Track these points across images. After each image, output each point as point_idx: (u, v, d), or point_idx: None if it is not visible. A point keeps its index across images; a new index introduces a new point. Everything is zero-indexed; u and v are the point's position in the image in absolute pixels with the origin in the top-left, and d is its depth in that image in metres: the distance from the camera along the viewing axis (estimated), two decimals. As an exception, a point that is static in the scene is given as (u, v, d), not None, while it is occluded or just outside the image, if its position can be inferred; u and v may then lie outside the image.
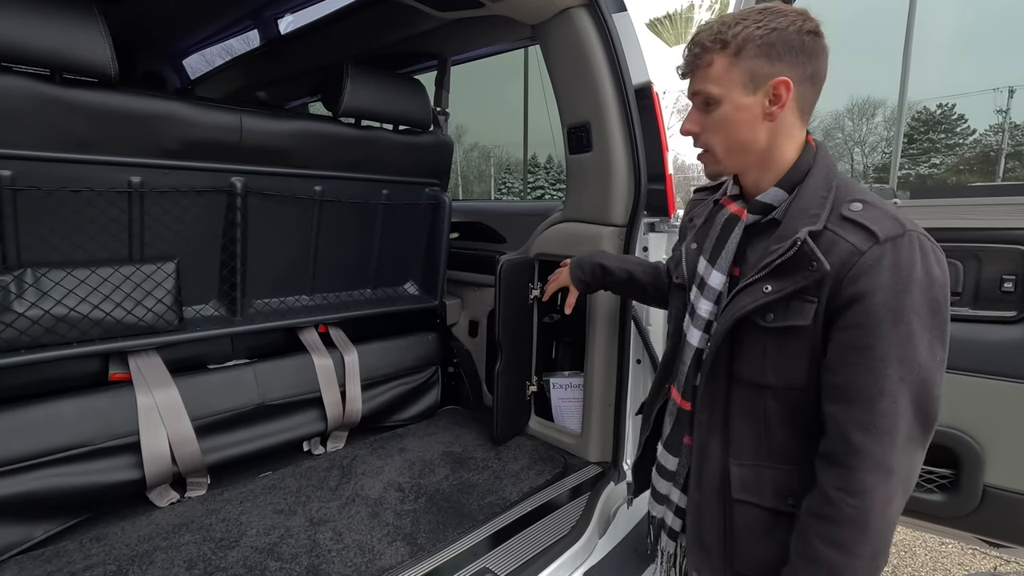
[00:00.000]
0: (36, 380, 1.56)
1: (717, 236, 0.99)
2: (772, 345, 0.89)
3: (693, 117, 0.94)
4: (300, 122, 1.86)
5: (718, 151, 0.93)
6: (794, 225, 0.86)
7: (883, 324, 0.78)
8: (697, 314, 1.00)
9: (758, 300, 0.86)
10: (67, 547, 1.47)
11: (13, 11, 1.28)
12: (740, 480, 0.95)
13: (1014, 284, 1.40)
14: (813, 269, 0.81)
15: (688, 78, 0.93)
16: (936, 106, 33.66)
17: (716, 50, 0.87)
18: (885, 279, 0.78)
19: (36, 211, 1.45)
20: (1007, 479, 1.41)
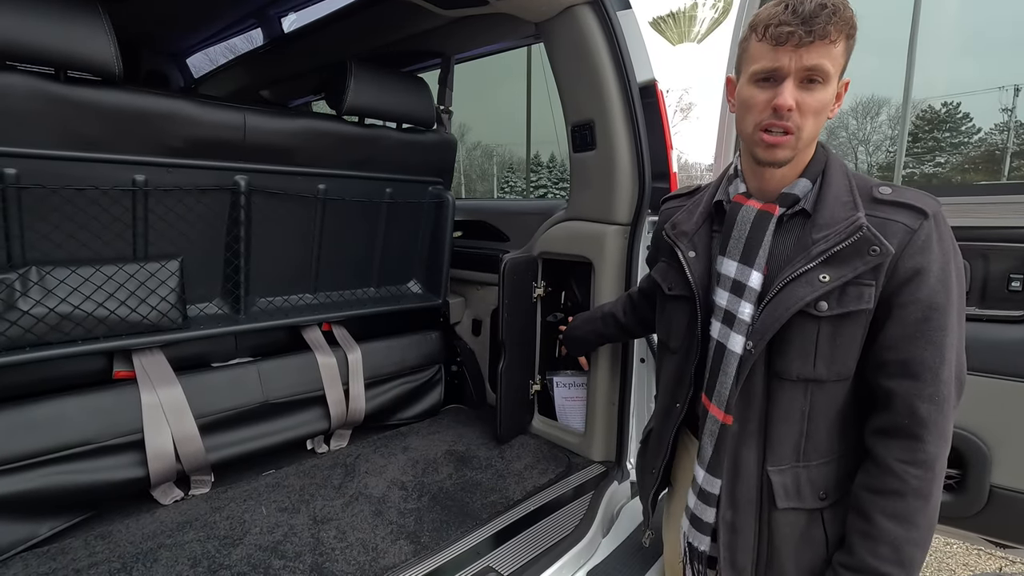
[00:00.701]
0: (41, 378, 1.56)
1: (747, 236, 0.93)
2: (825, 335, 0.87)
3: (791, 92, 0.83)
4: (304, 120, 1.86)
5: (804, 136, 0.86)
6: (832, 213, 0.86)
7: (939, 297, 0.82)
8: (739, 319, 0.91)
9: (817, 290, 0.84)
10: (72, 544, 1.47)
11: (18, 10, 1.28)
12: (783, 487, 0.93)
13: (1021, 283, 1.39)
14: (875, 254, 0.82)
15: (799, 48, 0.81)
16: (941, 104, 33.46)
17: (845, 29, 0.81)
18: (936, 254, 0.82)
19: (41, 209, 1.46)
20: (1014, 480, 1.40)
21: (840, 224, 0.85)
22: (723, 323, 0.95)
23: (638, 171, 1.83)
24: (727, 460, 0.96)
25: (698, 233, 1.03)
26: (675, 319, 1.07)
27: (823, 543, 0.95)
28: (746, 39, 0.90)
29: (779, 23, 0.81)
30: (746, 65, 0.89)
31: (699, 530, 1.04)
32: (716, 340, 0.96)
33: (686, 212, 1.08)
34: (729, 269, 0.94)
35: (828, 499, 0.94)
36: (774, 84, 0.85)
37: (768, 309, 0.88)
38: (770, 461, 0.93)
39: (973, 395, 1.42)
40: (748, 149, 0.93)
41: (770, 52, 0.83)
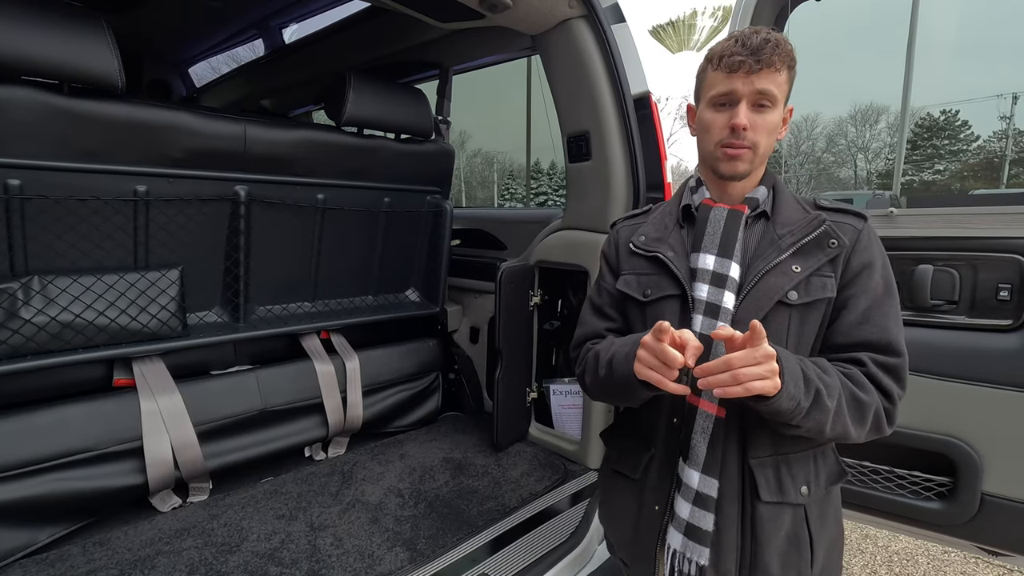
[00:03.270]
0: (42, 385, 1.58)
1: (722, 232, 1.01)
2: (795, 323, 0.96)
3: (746, 113, 0.95)
4: (303, 131, 1.89)
5: (759, 151, 0.98)
6: (789, 214, 1.01)
7: (882, 288, 0.97)
8: (723, 308, 0.96)
9: (792, 280, 0.94)
10: (71, 551, 1.48)
11: (24, 24, 1.31)
12: (764, 479, 0.96)
13: (1010, 293, 1.41)
14: (833, 246, 0.96)
15: (751, 74, 0.93)
16: (940, 112, 33.64)
17: (787, 61, 0.95)
18: (876, 252, 0.99)
19: (44, 219, 1.48)
20: (1005, 487, 1.41)
21: (801, 221, 0.99)
22: (706, 315, 0.97)
23: (633, 181, 1.86)
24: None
25: (671, 237, 1.08)
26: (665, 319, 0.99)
27: (807, 546, 0.97)
28: (703, 70, 1.02)
29: (731, 54, 0.94)
30: (704, 92, 1.01)
31: (699, 542, 0.97)
32: (699, 333, 0.96)
33: (651, 225, 1.13)
34: (707, 263, 1.00)
35: (811, 494, 0.97)
36: (729, 108, 0.96)
37: (750, 298, 0.96)
38: (751, 453, 0.97)
39: (964, 403, 1.44)
40: (710, 165, 1.03)
41: (725, 79, 0.95)
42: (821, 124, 37.16)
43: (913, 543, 2.93)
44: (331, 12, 2.70)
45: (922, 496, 1.53)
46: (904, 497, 1.54)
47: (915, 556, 2.83)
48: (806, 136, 36.85)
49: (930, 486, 1.52)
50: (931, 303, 1.51)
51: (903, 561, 2.79)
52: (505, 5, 1.69)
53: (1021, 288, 1.39)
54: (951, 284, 1.49)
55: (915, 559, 2.81)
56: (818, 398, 0.85)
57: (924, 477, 1.52)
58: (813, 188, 35.20)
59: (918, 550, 2.88)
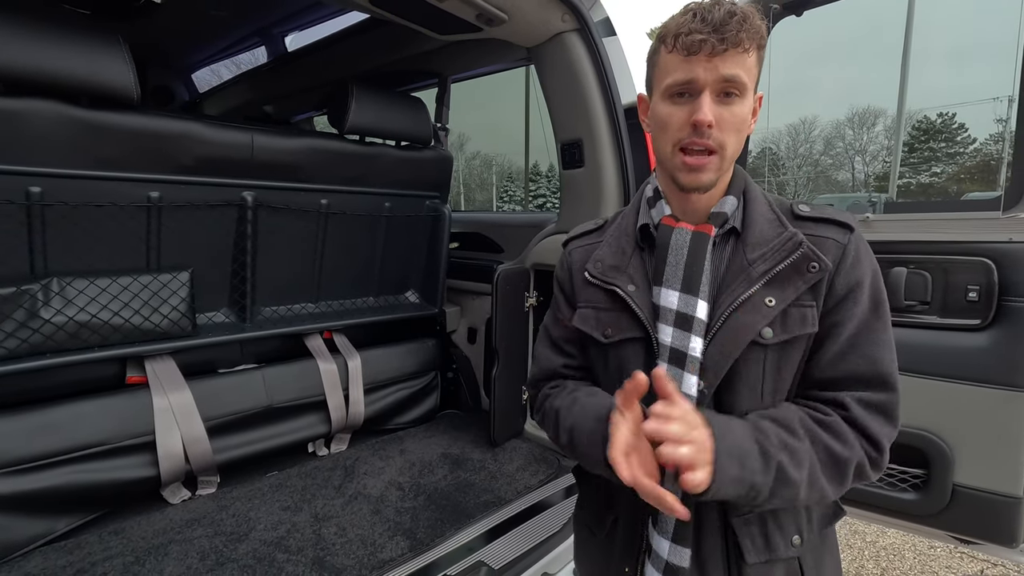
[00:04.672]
0: (60, 382, 1.66)
1: (686, 261, 0.83)
2: (771, 366, 0.80)
3: (709, 106, 0.76)
4: (308, 139, 1.97)
5: (727, 153, 0.79)
6: (761, 230, 0.83)
7: (871, 311, 0.80)
8: (690, 356, 0.80)
9: (767, 316, 0.78)
10: (87, 539, 1.56)
11: (46, 41, 1.39)
12: (749, 539, 0.83)
13: (978, 294, 1.48)
14: (814, 271, 0.78)
15: (714, 57, 0.75)
16: (937, 115, 33.80)
17: (757, 40, 0.76)
18: (867, 264, 0.81)
19: (62, 224, 1.56)
20: (974, 478, 1.49)
21: (775, 241, 0.80)
22: (671, 363, 0.82)
23: (624, 187, 1.94)
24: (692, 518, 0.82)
25: (631, 265, 0.90)
26: (629, 367, 0.86)
27: None
28: (655, 52, 0.83)
29: (689, 31, 0.75)
30: (658, 80, 0.82)
31: None
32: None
33: (606, 247, 0.94)
34: (671, 300, 0.83)
35: (804, 543, 0.84)
36: (690, 99, 0.78)
37: (717, 343, 0.79)
38: (732, 511, 0.83)
39: (936, 399, 1.51)
40: (668, 172, 0.84)
41: (683, 64, 0.77)
42: (819, 127, 37.31)
43: (900, 538, 3.00)
44: (333, 21, 2.79)
45: (898, 488, 1.60)
46: (881, 489, 1.62)
47: (902, 551, 2.90)
48: (804, 139, 37.00)
49: (905, 478, 1.59)
50: (905, 304, 1.58)
51: (890, 556, 2.87)
52: (501, 19, 1.77)
53: (989, 290, 1.45)
54: (924, 286, 1.56)
55: (902, 554, 2.88)
56: (780, 474, 0.72)
57: (900, 469, 1.59)
58: (811, 191, 35.32)
59: (905, 545, 2.95)
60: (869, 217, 1.63)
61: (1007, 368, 1.41)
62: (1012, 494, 1.44)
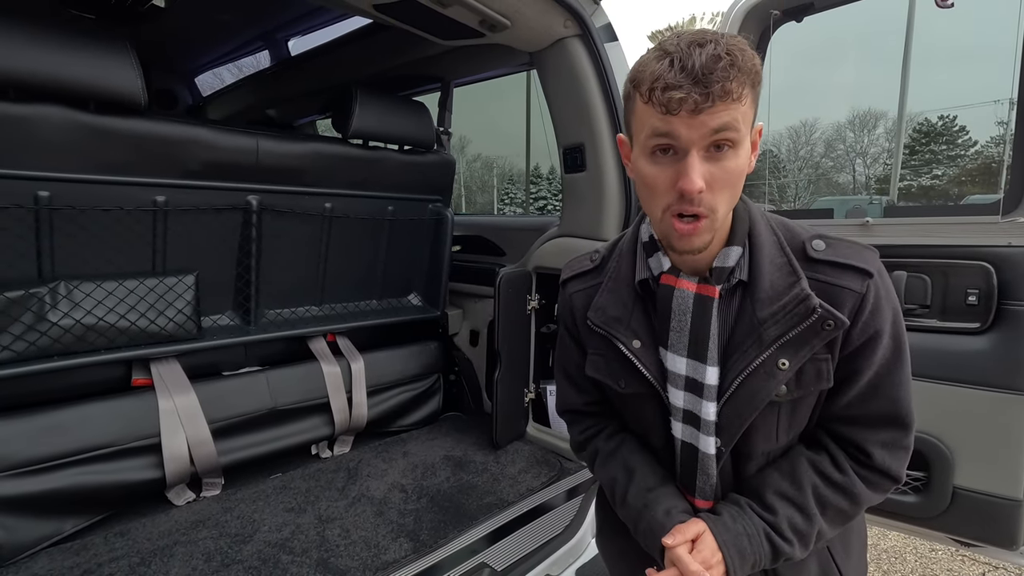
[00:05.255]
0: (67, 385, 1.67)
1: (691, 326, 0.81)
2: (785, 416, 0.81)
3: (697, 169, 0.68)
4: (312, 144, 1.99)
5: (720, 214, 0.73)
6: (772, 282, 0.77)
7: (891, 357, 0.78)
8: (704, 420, 0.82)
9: (780, 380, 0.76)
10: (93, 541, 1.57)
11: (56, 48, 1.41)
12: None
13: (978, 297, 1.49)
14: (830, 328, 0.74)
15: (696, 113, 0.66)
16: (938, 118, 33.80)
17: (751, 79, 0.68)
18: (887, 313, 0.77)
19: (70, 228, 1.57)
20: (974, 481, 1.49)
21: (786, 299, 0.76)
22: (685, 423, 0.85)
23: (625, 191, 1.95)
24: None
25: (633, 317, 0.86)
26: (645, 418, 0.91)
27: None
28: (629, 97, 0.74)
29: (666, 86, 0.65)
30: (636, 129, 0.74)
31: None
32: (682, 440, 0.87)
33: (608, 294, 0.90)
34: (678, 366, 0.82)
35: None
36: (674, 157, 0.70)
37: (731, 407, 0.80)
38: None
39: (936, 402, 1.52)
40: (661, 232, 0.80)
41: (661, 120, 0.68)
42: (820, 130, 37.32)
43: (901, 541, 3.00)
44: (336, 26, 2.81)
45: (898, 490, 1.61)
46: (882, 491, 1.63)
47: (903, 554, 2.91)
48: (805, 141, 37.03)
49: (906, 480, 1.60)
50: (905, 307, 1.59)
51: (891, 559, 2.87)
52: (504, 25, 1.79)
53: (988, 293, 1.47)
54: (924, 289, 1.57)
55: (903, 557, 2.88)
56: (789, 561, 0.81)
57: (900, 472, 1.60)
58: (812, 193, 35.33)
59: (906, 548, 2.95)
60: (869, 221, 1.65)
61: (1006, 371, 1.43)
62: (1012, 497, 1.45)
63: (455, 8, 1.68)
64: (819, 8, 1.71)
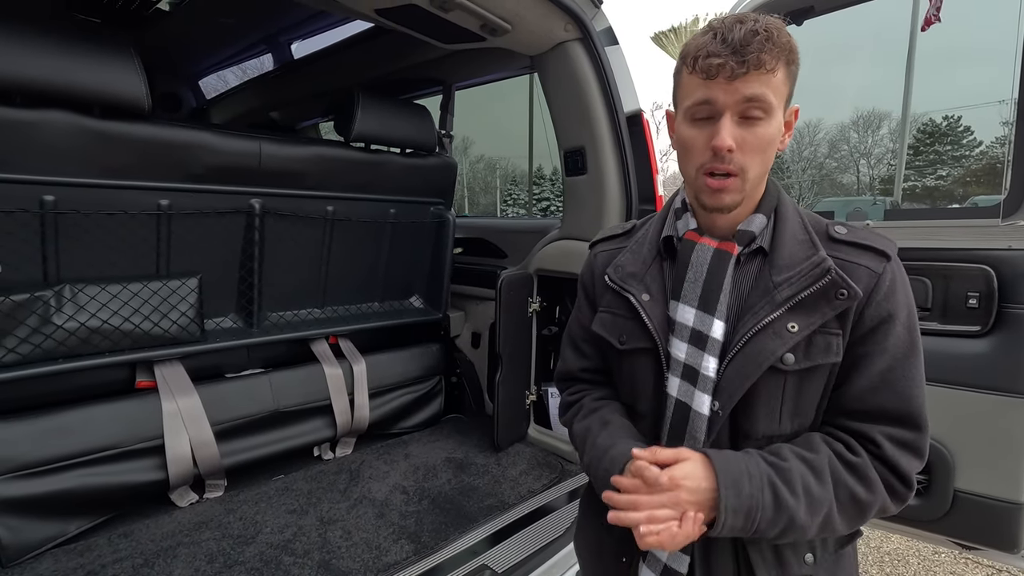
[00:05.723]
0: (71, 387, 1.68)
1: (705, 279, 0.83)
2: (791, 391, 0.80)
3: (733, 131, 0.75)
4: (314, 147, 2.00)
5: (752, 176, 0.78)
6: (791, 252, 0.80)
7: (904, 345, 0.78)
8: (702, 375, 0.81)
9: (787, 342, 0.76)
10: (97, 542, 1.58)
11: (60, 54, 1.43)
12: (759, 555, 0.82)
13: (978, 301, 1.49)
14: (843, 297, 0.75)
15: (734, 79, 0.74)
16: (942, 118, 33.67)
17: (785, 56, 0.75)
18: (902, 298, 0.78)
19: (75, 232, 1.59)
20: (975, 484, 1.49)
21: (803, 265, 0.78)
22: (683, 379, 0.83)
23: (626, 194, 1.96)
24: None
25: (649, 273, 0.90)
26: (639, 377, 0.91)
27: None
28: (678, 72, 0.82)
29: (707, 54, 0.74)
30: (680, 100, 0.82)
31: None
32: (676, 399, 0.84)
33: (629, 252, 0.95)
34: (687, 316, 0.83)
35: (818, 561, 0.84)
36: (712, 122, 0.77)
37: (735, 365, 0.79)
38: None
39: (937, 405, 1.52)
40: (694, 192, 0.85)
41: (702, 86, 0.76)
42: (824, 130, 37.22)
43: (904, 544, 3.00)
44: (339, 29, 2.82)
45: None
46: (883, 494, 1.63)
47: (906, 557, 2.90)
48: (808, 142, 36.93)
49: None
50: (906, 310, 1.59)
51: (894, 561, 2.86)
52: (505, 29, 1.80)
53: (988, 296, 1.47)
54: (924, 292, 1.57)
55: (906, 560, 2.88)
56: (790, 523, 0.74)
57: (901, 475, 1.60)
58: (815, 193, 35.25)
59: (909, 551, 2.95)
60: (869, 224, 1.65)
61: (1007, 374, 1.43)
62: (1013, 500, 1.45)
63: (456, 13, 1.69)
64: (819, 12, 1.71)
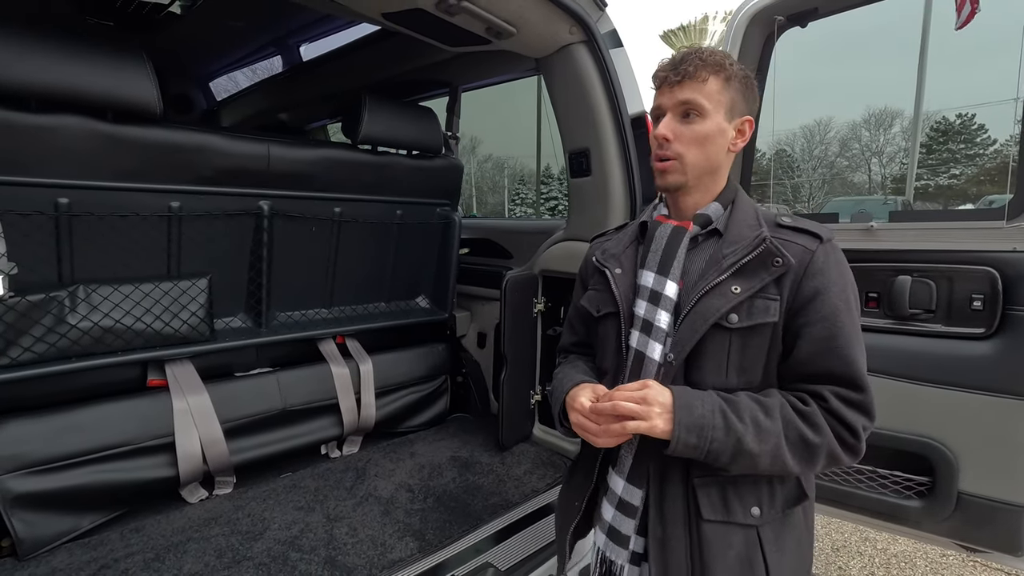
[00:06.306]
0: (85, 385, 1.72)
1: (663, 249, 1.01)
2: (736, 347, 0.93)
3: (669, 125, 0.97)
4: (322, 150, 2.03)
5: (688, 162, 0.97)
6: (740, 231, 0.97)
7: (842, 315, 0.90)
8: (656, 327, 0.97)
9: (730, 301, 0.92)
10: (109, 536, 1.62)
11: (74, 60, 1.46)
12: (707, 498, 0.94)
13: (983, 303, 1.49)
14: (778, 265, 0.91)
15: (673, 87, 0.96)
16: (956, 116, 33.26)
17: (713, 70, 0.95)
18: (835, 275, 0.92)
19: (88, 234, 1.63)
20: (979, 486, 1.49)
21: (747, 239, 0.95)
22: (641, 331, 0.99)
23: (630, 195, 1.97)
24: (654, 474, 0.99)
25: (625, 253, 1.10)
26: (606, 339, 1.09)
27: (763, 570, 0.94)
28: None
29: (657, 71, 1.00)
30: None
31: (617, 543, 1.04)
32: (635, 349, 1.00)
33: (615, 240, 1.16)
34: (647, 280, 1.01)
35: (764, 516, 0.95)
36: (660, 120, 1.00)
37: (687, 321, 0.95)
38: (695, 472, 0.95)
39: (941, 407, 1.52)
40: (655, 174, 1.04)
41: (656, 95, 1.01)
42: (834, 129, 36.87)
43: (911, 546, 2.98)
44: (347, 32, 2.85)
45: (903, 495, 1.61)
46: (887, 496, 1.63)
47: (913, 559, 2.88)
48: (819, 140, 36.61)
49: (911, 485, 1.60)
50: (910, 312, 1.59)
51: (901, 564, 2.85)
52: (510, 32, 1.81)
53: (993, 298, 1.46)
54: (928, 294, 1.57)
55: (913, 562, 2.86)
56: (739, 446, 0.85)
57: (905, 477, 1.60)
58: (826, 193, 34.94)
59: (916, 553, 2.93)
60: (873, 226, 1.65)
61: (1011, 376, 1.42)
62: (1017, 503, 1.45)
63: (461, 16, 1.70)
64: (823, 13, 1.71)
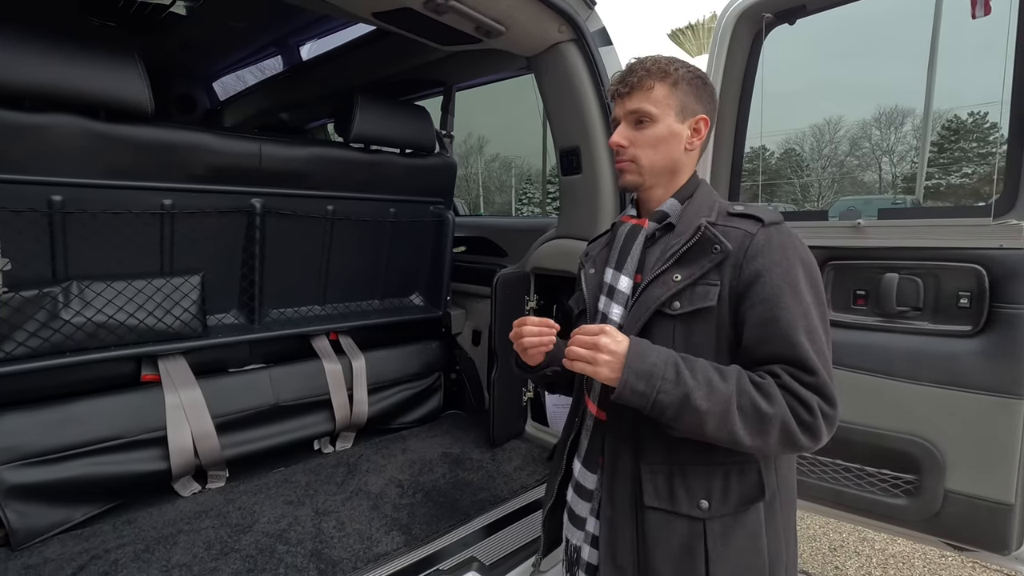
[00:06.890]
0: (79, 380, 1.75)
1: (621, 246, 1.07)
2: (680, 333, 0.96)
3: (623, 132, 1.04)
4: (314, 148, 2.05)
5: (644, 164, 1.03)
6: (688, 223, 1.01)
7: (785, 296, 0.90)
8: (609, 319, 1.03)
9: (670, 289, 0.95)
10: (102, 528, 1.65)
11: (67, 60, 1.49)
12: (652, 485, 0.97)
13: (970, 300, 1.48)
14: (716, 252, 0.94)
15: (623, 98, 1.03)
16: (968, 114, 32.85)
17: (658, 78, 1.01)
18: (777, 256, 0.92)
19: (82, 230, 1.66)
20: (966, 484, 1.48)
21: (690, 230, 0.98)
22: (600, 323, 1.03)
23: (619, 193, 1.97)
24: (608, 458, 1.03)
25: (599, 254, 1.16)
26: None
27: (703, 562, 0.94)
28: None
29: (610, 86, 1.08)
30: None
31: (575, 525, 1.10)
32: None
33: (598, 242, 1.22)
34: (608, 276, 1.07)
35: (713, 510, 0.94)
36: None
37: (632, 311, 1.00)
38: (644, 459, 0.98)
39: (928, 405, 1.52)
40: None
41: (613, 107, 1.08)
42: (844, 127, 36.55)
43: (909, 547, 2.96)
44: (345, 32, 2.87)
45: (890, 493, 1.60)
46: (874, 494, 1.62)
47: (911, 560, 2.87)
48: (829, 139, 36.32)
49: (898, 483, 1.59)
50: (897, 310, 1.58)
51: (899, 564, 2.83)
52: (499, 31, 1.82)
53: (980, 296, 1.45)
54: (916, 292, 1.56)
55: (911, 562, 2.84)
56: (687, 401, 0.85)
57: (892, 475, 1.59)
58: (836, 192, 34.66)
59: (914, 554, 2.91)
60: (861, 223, 1.64)
61: (997, 374, 1.42)
62: (1003, 501, 1.44)
63: (450, 16, 1.72)
64: (811, 11, 1.71)
